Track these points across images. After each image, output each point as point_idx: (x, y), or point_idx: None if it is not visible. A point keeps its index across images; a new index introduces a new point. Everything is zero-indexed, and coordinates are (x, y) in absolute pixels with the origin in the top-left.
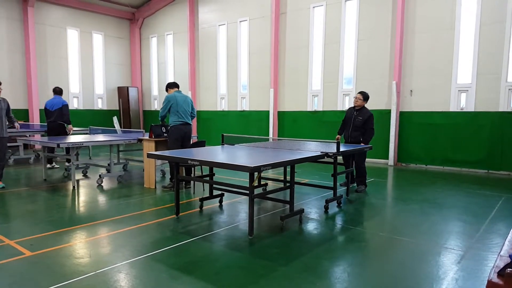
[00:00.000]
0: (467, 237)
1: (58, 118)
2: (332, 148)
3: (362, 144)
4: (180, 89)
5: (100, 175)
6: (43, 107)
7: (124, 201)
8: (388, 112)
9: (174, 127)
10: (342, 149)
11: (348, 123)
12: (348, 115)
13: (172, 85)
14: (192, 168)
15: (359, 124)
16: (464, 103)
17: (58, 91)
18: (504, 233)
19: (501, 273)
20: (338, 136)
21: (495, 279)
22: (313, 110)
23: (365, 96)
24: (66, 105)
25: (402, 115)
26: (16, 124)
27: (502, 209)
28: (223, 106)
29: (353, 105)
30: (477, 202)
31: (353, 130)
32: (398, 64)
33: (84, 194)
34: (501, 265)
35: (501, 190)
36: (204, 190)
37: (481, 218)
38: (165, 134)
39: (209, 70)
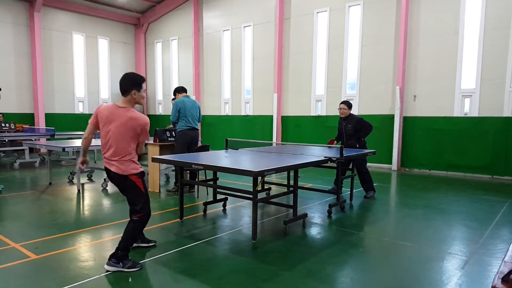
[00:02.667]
0: (471, 242)
1: None
2: (336, 153)
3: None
4: (188, 94)
5: (105, 179)
6: (48, 111)
7: None
8: (391, 117)
9: (182, 132)
10: (345, 154)
11: (341, 133)
12: (339, 126)
13: (180, 90)
14: (197, 173)
15: (351, 132)
16: (468, 108)
17: None
18: (508, 238)
19: (505, 279)
20: (333, 140)
21: (499, 285)
22: (316, 115)
23: (348, 105)
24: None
25: (406, 120)
26: None
27: (506, 215)
28: (227, 110)
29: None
30: (481, 208)
31: (347, 139)
32: (401, 69)
33: (89, 197)
34: (505, 271)
35: (505, 196)
36: (208, 194)
37: (485, 224)
38: (169, 139)
39: (213, 75)
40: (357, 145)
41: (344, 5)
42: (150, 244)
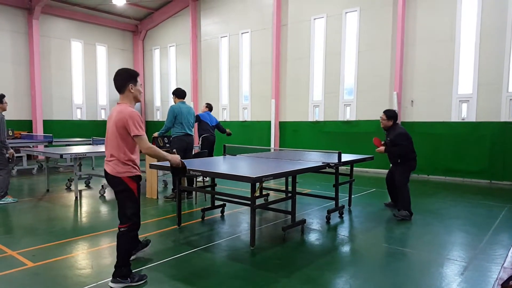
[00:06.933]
0: (470, 248)
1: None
2: (334, 159)
3: (399, 167)
4: (184, 100)
5: (102, 186)
6: (46, 118)
7: None
8: None
9: (177, 138)
10: (344, 159)
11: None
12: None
13: (179, 94)
14: (194, 179)
15: (390, 145)
16: (465, 113)
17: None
18: (508, 244)
19: (504, 285)
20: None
21: None
22: (314, 120)
23: (388, 115)
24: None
25: (403, 126)
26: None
27: (505, 220)
28: (224, 116)
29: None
30: (480, 213)
31: (388, 151)
32: (399, 74)
33: (87, 204)
34: (505, 277)
35: (504, 200)
36: (206, 200)
37: (484, 229)
38: (167, 145)
39: (211, 81)
40: (398, 160)
41: (341, 11)
42: (145, 249)
